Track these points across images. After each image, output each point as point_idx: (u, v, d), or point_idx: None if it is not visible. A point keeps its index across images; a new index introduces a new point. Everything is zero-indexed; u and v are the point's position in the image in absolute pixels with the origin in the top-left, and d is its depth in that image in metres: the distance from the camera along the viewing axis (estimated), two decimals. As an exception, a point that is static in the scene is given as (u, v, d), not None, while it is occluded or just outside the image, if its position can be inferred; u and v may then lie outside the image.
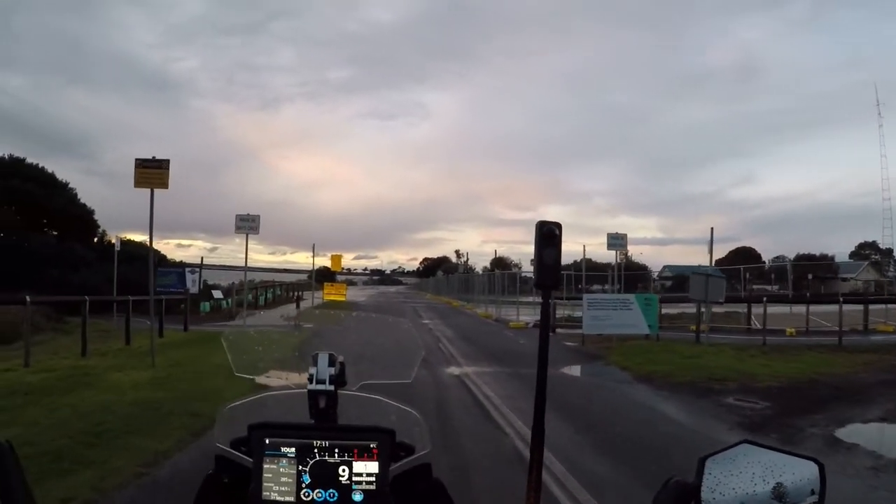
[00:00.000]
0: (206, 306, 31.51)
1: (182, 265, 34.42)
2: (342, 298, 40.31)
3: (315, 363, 1.56)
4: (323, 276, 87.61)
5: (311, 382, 1.55)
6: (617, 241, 20.09)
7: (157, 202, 12.32)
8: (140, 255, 32.17)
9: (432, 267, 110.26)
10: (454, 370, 13.63)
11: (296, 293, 45.29)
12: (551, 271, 1.62)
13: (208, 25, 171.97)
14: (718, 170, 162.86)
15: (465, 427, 8.45)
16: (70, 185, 36.67)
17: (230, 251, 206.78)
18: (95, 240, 36.50)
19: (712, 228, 20.02)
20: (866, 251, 65.73)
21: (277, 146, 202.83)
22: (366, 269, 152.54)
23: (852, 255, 63.18)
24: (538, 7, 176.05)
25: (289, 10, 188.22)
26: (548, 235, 1.61)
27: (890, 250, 57.54)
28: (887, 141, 70.90)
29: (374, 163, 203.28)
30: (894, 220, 57.06)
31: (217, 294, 31.01)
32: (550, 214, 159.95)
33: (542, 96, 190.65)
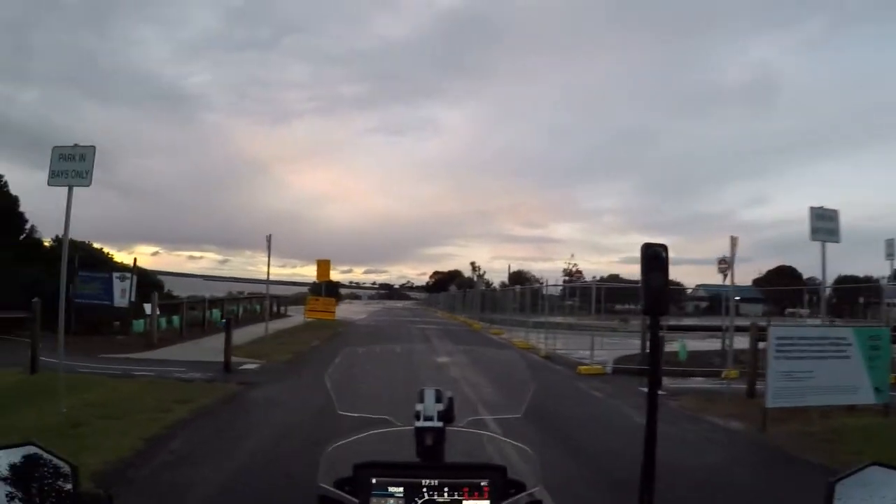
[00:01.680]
0: (139, 325, 22.69)
1: (110, 269, 25.27)
2: (330, 317, 31.18)
3: (422, 399, 1.57)
4: (326, 291, 78.00)
5: (418, 419, 1.53)
6: (826, 222, 10.68)
7: (170, 214, 9.60)
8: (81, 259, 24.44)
9: (443, 282, 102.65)
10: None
11: (271, 308, 36.23)
12: (659, 296, 1.58)
13: (221, 41, 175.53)
14: (731, 190, 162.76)
15: None
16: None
17: (241, 263, 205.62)
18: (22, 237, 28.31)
19: (734, 239, 14.12)
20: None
21: (289, 160, 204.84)
22: (374, 283, 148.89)
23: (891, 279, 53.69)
24: (549, 25, 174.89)
25: (300, 27, 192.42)
26: (653, 258, 1.57)
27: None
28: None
29: (384, 177, 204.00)
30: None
31: (148, 310, 21.99)
32: (561, 232, 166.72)
33: (552, 113, 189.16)
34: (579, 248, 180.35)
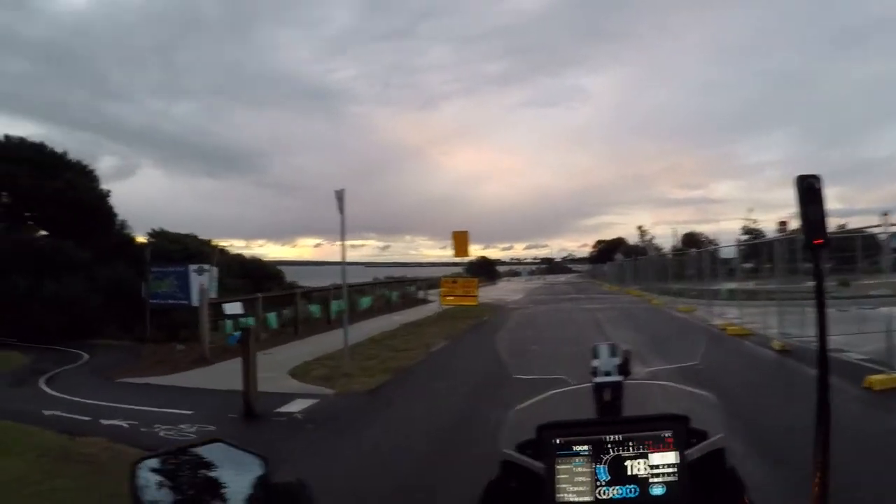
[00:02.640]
0: (228, 326, 18.86)
1: (185, 261, 21.63)
2: (471, 302, 25.88)
3: (596, 355, 1.56)
4: (480, 269, 72.77)
5: (595, 375, 1.54)
6: None
7: (326, 207, 12.77)
8: (165, 252, 23.39)
9: (606, 251, 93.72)
10: None
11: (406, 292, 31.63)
12: (819, 227, 1.50)
13: (360, 34, 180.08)
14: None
15: None
16: (84, 164, 26.47)
17: (402, 248, 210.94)
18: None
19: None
20: None
21: (439, 143, 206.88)
22: (535, 259, 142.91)
23: None
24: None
25: (436, 10, 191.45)
26: (808, 189, 1.49)
27: None
28: None
29: (536, 151, 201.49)
30: None
31: (232, 309, 17.97)
32: (721, 191, 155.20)
33: (700, 68, 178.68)
34: (740, 206, 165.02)
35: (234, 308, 17.89)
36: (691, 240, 66.53)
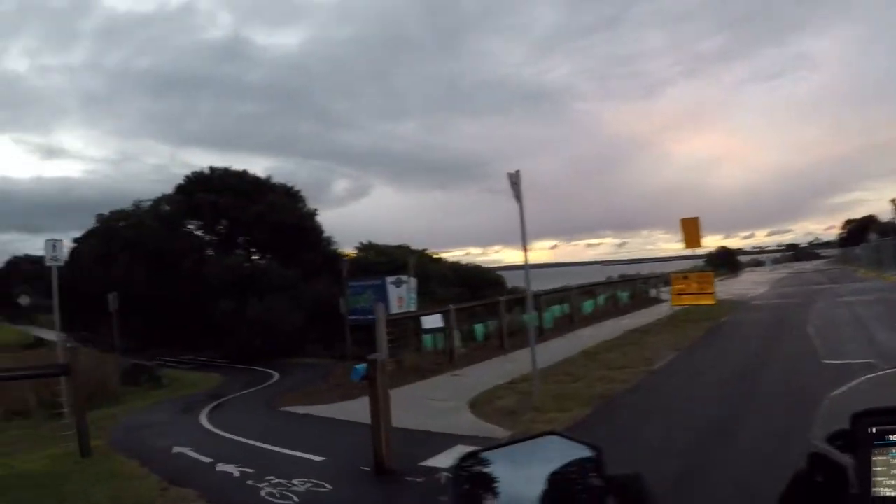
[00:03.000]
0: (427, 341, 17.17)
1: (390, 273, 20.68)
2: (709, 301, 20.79)
3: None
4: (720, 260, 64.87)
5: None
6: None
7: (563, 206, 7.23)
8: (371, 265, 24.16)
9: (857, 232, 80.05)
10: None
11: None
12: None
13: (570, 30, 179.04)
14: None
15: None
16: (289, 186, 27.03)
17: (639, 244, 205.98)
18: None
19: None
20: None
21: (666, 130, 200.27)
22: (779, 245, 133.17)
23: None
24: None
25: None
26: None
27: None
28: None
29: (767, 128, 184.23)
30: None
31: (431, 322, 16.12)
32: None
33: None
34: None
35: (433, 321, 16.35)
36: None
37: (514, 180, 9.68)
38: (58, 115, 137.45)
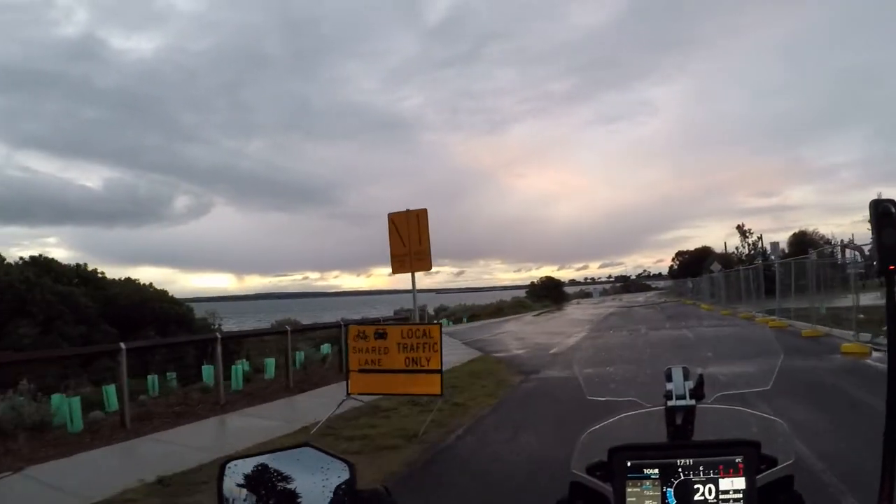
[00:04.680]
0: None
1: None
2: (430, 389, 10.65)
3: (670, 378, 1.49)
4: (545, 291, 58.53)
5: (669, 399, 1.47)
6: None
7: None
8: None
9: (689, 263, 78.28)
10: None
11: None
12: (894, 253, 1.43)
13: (425, 62, 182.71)
14: None
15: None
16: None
17: (476, 273, 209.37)
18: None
19: None
20: None
21: (510, 164, 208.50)
22: (609, 277, 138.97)
23: None
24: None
25: (498, 33, 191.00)
26: (884, 214, 1.43)
27: None
28: None
29: (606, 168, 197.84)
30: None
31: None
32: (796, 197, 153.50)
33: (766, 71, 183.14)
34: (817, 212, 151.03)
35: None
36: (801, 240, 51.32)
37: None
38: None
